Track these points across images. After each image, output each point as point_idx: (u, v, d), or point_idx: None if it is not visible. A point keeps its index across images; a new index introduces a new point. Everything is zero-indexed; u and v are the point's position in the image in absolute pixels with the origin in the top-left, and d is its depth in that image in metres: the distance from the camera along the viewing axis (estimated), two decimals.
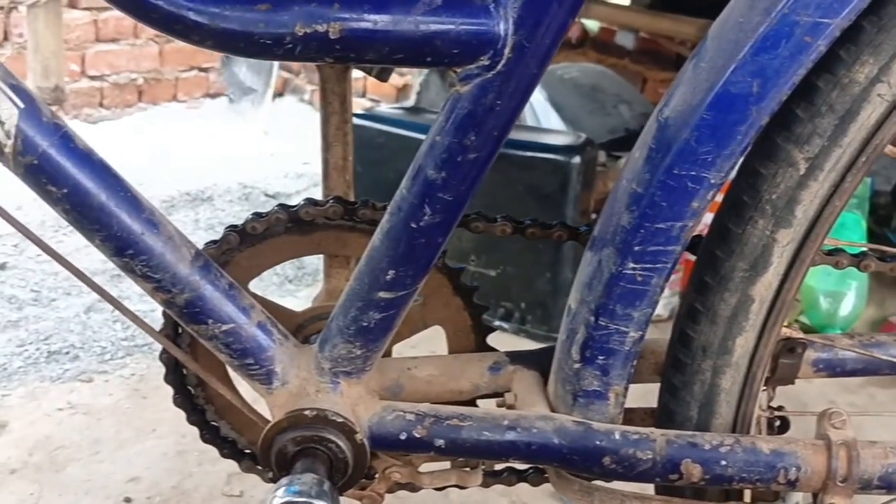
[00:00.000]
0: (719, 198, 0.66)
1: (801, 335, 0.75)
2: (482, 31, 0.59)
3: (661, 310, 2.13)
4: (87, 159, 0.65)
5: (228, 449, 0.81)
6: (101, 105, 3.55)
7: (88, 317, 1.88)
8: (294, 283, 2.12)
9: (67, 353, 1.75)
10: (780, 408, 0.78)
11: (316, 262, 2.17)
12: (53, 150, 0.63)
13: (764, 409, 0.73)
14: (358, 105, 3.12)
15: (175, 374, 0.80)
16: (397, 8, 0.58)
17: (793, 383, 0.78)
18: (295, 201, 0.76)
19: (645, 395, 0.79)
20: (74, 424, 1.54)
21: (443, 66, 0.60)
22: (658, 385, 0.75)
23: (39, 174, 0.63)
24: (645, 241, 0.63)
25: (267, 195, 2.66)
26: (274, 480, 0.68)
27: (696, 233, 0.66)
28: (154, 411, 1.58)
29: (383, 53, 0.59)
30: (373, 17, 0.58)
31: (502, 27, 0.59)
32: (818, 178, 0.61)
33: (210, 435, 0.80)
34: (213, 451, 0.84)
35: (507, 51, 0.59)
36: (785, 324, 0.71)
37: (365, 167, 1.76)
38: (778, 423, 0.78)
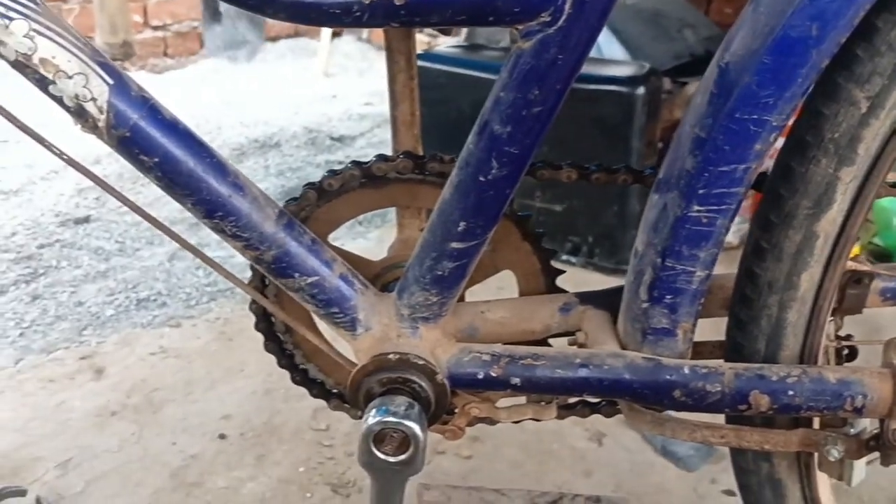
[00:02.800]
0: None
1: (866, 266, 0.76)
2: None
3: (731, 237, 2.12)
4: (174, 129, 0.69)
5: (317, 390, 0.86)
6: (165, 55, 3.62)
7: (172, 265, 1.96)
8: (364, 226, 2.18)
9: (155, 300, 1.84)
10: (847, 337, 0.80)
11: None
12: (143, 122, 0.67)
13: (832, 340, 0.74)
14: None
15: (264, 321, 0.85)
16: None
17: (860, 312, 0.79)
18: (360, 144, 0.80)
19: (714, 327, 0.82)
20: (167, 367, 1.64)
21: (505, 25, 0.62)
22: (726, 319, 0.78)
23: (132, 146, 0.68)
24: (709, 184, 0.65)
25: (332, 139, 2.70)
26: (361, 418, 0.73)
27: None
28: (241, 353, 1.67)
29: (446, 16, 0.62)
30: None
31: None
32: (879, 117, 0.62)
33: (299, 377, 0.86)
34: (299, 389, 0.89)
35: (567, 6, 0.61)
36: (856, 250, 0.72)
37: (426, 108, 1.78)
38: (846, 352, 0.79)
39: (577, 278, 0.84)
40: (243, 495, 1.33)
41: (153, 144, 0.68)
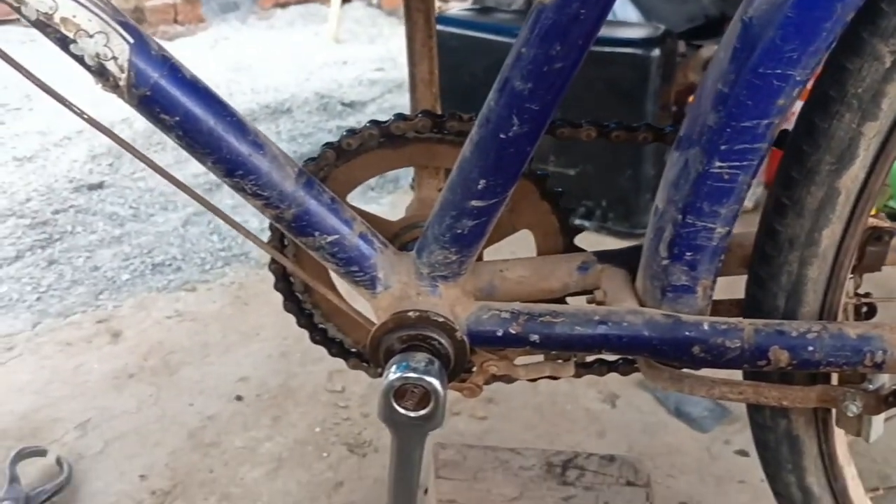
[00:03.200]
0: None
1: (887, 223, 0.76)
2: None
3: (746, 202, 2.11)
4: (195, 87, 0.69)
5: (336, 349, 0.87)
6: (175, 21, 3.61)
7: (186, 230, 1.97)
8: (376, 191, 2.18)
9: (170, 264, 1.86)
10: (867, 294, 0.80)
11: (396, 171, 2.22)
12: (164, 80, 0.67)
13: (851, 297, 0.74)
14: None
15: (283, 281, 0.86)
16: None
17: (879, 270, 0.79)
18: (370, 109, 0.80)
19: (730, 286, 0.82)
20: (183, 330, 1.65)
21: None
22: (744, 277, 0.78)
23: (153, 105, 0.68)
24: (731, 139, 0.65)
25: (343, 104, 2.70)
26: (381, 375, 0.74)
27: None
28: (256, 316, 1.68)
29: None
30: None
31: None
32: None
33: (319, 337, 0.86)
34: (314, 351, 0.89)
35: None
36: (872, 212, 0.72)
37: (440, 72, 1.78)
38: (865, 309, 0.79)
39: (590, 241, 0.84)
40: (260, 455, 1.35)
41: (174, 103, 0.68)
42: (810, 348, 0.68)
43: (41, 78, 0.69)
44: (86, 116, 0.71)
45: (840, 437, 0.80)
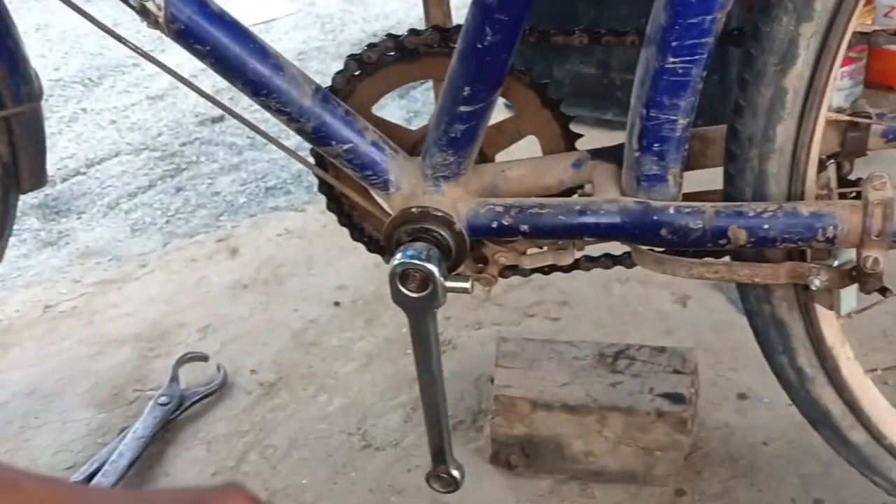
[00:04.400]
0: None
1: (865, 109, 0.79)
2: None
3: (843, 101, 2.05)
4: (222, 20, 0.81)
5: (373, 245, 0.99)
6: None
7: None
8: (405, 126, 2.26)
9: (281, 188, 2.03)
10: (858, 181, 0.83)
11: (423, 107, 2.30)
12: (196, 15, 0.80)
13: (823, 188, 0.78)
14: None
15: (325, 186, 0.97)
16: None
17: (865, 155, 0.82)
18: None
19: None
20: (291, 246, 1.83)
21: None
22: None
23: (187, 36, 0.80)
24: (681, 35, 0.71)
25: None
26: None
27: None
28: None
29: None
30: None
31: None
32: None
33: (357, 234, 0.98)
34: None
35: None
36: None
37: None
38: (853, 195, 0.83)
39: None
40: (353, 352, 1.50)
41: (205, 35, 0.81)
42: (766, 226, 0.73)
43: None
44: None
45: (826, 320, 0.85)
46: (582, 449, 1.21)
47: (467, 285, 0.78)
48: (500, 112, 0.86)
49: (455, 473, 0.90)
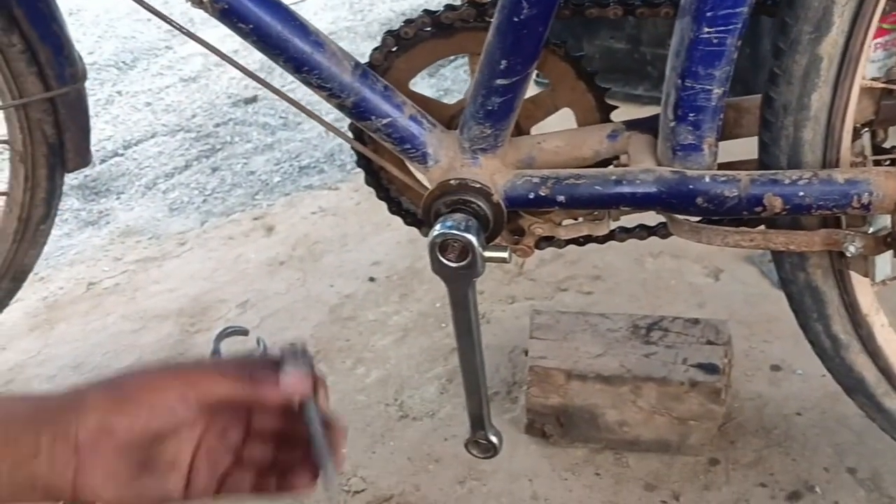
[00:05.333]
0: None
1: None
2: None
3: (877, 72, 2.03)
4: None
5: (410, 218, 1.01)
6: None
7: (329, 136, 2.16)
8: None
9: (315, 167, 2.06)
10: (893, 149, 0.84)
11: (454, 85, 2.31)
12: None
13: (857, 156, 0.79)
14: None
15: (364, 160, 0.99)
16: None
17: None
18: None
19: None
20: (326, 224, 1.85)
21: None
22: None
23: (231, 15, 0.83)
24: (715, 6, 0.72)
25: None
26: None
27: None
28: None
29: None
30: None
31: None
32: None
33: (395, 208, 1.01)
34: None
35: None
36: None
37: None
38: (888, 163, 0.84)
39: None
40: (389, 326, 1.53)
41: (247, 13, 0.83)
42: (801, 193, 0.74)
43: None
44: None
45: (861, 287, 0.86)
46: (616, 419, 1.23)
47: (505, 255, 0.80)
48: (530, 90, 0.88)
49: (494, 439, 0.92)
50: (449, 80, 2.40)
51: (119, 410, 0.58)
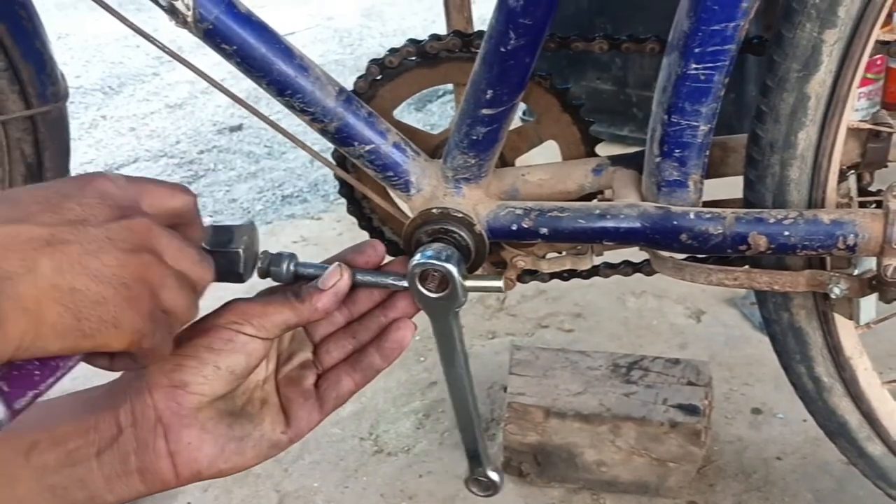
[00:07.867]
0: None
1: (886, 120, 0.79)
2: None
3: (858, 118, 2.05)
4: (249, 20, 0.82)
5: (393, 248, 0.99)
6: None
7: (313, 166, 2.16)
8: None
9: (298, 196, 2.05)
10: (879, 192, 0.84)
11: (440, 120, 2.31)
12: (223, 15, 0.81)
13: (843, 196, 0.78)
14: None
15: (346, 188, 0.98)
16: None
17: (885, 167, 0.83)
18: None
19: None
20: (307, 254, 1.83)
21: None
22: None
23: (215, 36, 0.81)
24: (703, 42, 0.71)
25: None
26: None
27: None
28: None
29: None
30: None
31: None
32: None
33: (377, 238, 0.99)
34: None
35: None
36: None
37: None
38: (874, 206, 0.83)
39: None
40: None
41: (232, 34, 0.81)
42: (786, 233, 0.74)
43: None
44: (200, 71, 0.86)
45: (845, 330, 0.85)
46: (594, 458, 1.21)
47: (500, 284, 0.78)
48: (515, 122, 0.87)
49: (494, 476, 0.89)
50: (436, 114, 2.40)
51: (182, 362, 0.59)
